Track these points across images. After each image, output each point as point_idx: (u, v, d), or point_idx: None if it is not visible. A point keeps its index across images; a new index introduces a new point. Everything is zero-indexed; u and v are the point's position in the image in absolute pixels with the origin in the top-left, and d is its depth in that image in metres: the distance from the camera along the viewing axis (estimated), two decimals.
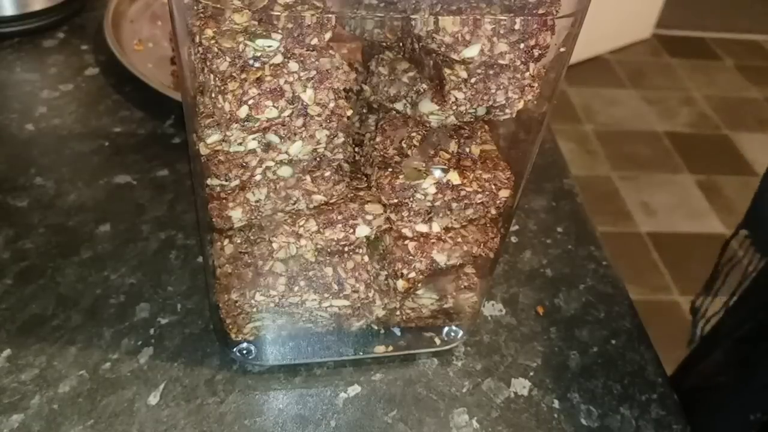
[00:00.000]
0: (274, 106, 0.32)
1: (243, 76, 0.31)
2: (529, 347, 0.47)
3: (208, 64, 0.31)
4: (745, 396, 0.61)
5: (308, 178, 0.37)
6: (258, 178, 0.36)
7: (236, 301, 0.40)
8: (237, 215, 0.37)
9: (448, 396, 0.44)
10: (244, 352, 0.43)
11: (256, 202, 0.37)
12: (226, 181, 0.36)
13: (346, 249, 0.39)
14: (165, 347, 0.44)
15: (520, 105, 0.34)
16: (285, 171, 0.36)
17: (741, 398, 0.61)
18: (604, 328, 0.49)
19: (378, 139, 0.38)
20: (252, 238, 0.39)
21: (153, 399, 0.41)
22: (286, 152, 0.35)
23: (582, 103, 2.01)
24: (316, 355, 0.44)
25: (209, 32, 0.31)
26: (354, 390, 0.43)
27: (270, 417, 0.41)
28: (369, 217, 0.38)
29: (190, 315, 0.46)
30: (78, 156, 0.57)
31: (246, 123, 0.33)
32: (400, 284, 0.39)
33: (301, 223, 0.38)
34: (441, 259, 0.39)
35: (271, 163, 0.35)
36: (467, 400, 0.44)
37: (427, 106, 0.35)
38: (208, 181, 0.36)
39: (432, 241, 0.39)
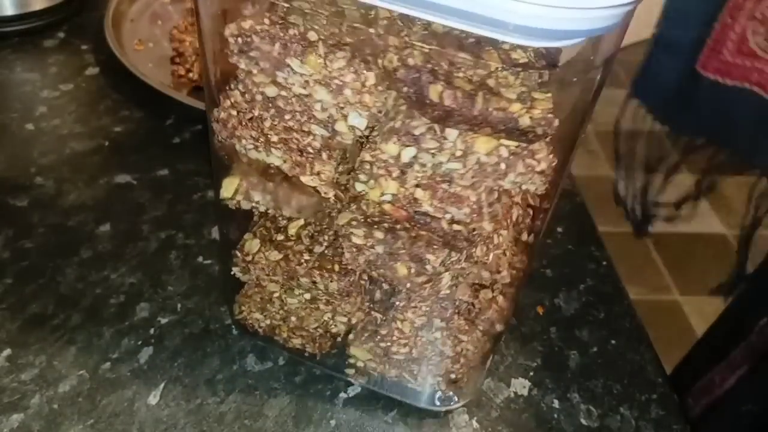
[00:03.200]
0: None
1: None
2: (529, 347, 0.47)
3: None
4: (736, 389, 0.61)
5: None
6: None
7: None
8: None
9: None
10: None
11: None
12: None
13: None
14: (165, 347, 0.44)
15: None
16: None
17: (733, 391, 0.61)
18: (604, 328, 0.49)
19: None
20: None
21: (153, 399, 0.41)
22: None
23: None
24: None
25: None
26: (354, 390, 0.43)
27: (270, 417, 0.41)
28: None
29: (190, 315, 0.46)
30: (78, 156, 0.57)
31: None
32: None
33: None
34: None
35: None
36: (467, 399, 0.43)
37: None
38: None
39: None
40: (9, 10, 0.67)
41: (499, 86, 0.29)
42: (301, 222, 0.38)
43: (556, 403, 0.44)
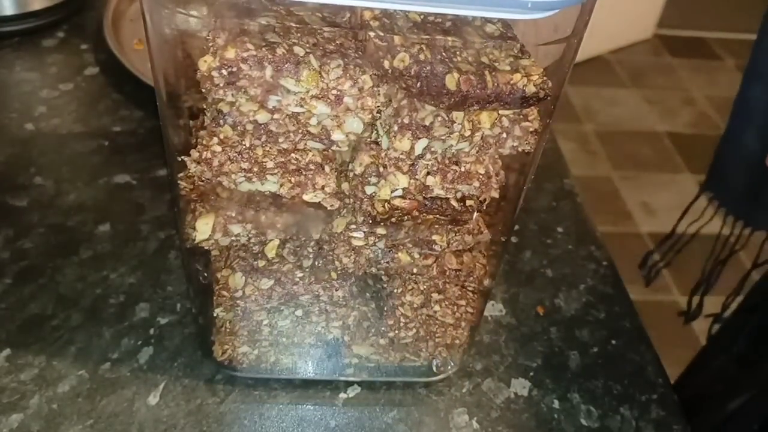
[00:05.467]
0: None
1: None
2: (529, 347, 0.47)
3: None
4: (746, 406, 0.61)
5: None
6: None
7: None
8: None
9: (447, 396, 0.44)
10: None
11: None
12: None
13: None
14: (165, 347, 0.44)
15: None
16: None
17: (743, 408, 0.61)
18: (604, 328, 0.49)
19: None
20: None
21: (153, 399, 0.41)
22: None
23: (582, 103, 2.01)
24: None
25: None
26: (354, 390, 0.43)
27: (270, 417, 0.41)
28: None
29: (189, 315, 0.46)
30: (78, 156, 0.57)
31: None
32: None
33: None
34: None
35: None
36: (467, 400, 0.43)
37: None
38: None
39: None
40: (9, 10, 0.67)
41: (492, 62, 0.30)
42: (276, 242, 0.37)
43: (556, 404, 0.44)
